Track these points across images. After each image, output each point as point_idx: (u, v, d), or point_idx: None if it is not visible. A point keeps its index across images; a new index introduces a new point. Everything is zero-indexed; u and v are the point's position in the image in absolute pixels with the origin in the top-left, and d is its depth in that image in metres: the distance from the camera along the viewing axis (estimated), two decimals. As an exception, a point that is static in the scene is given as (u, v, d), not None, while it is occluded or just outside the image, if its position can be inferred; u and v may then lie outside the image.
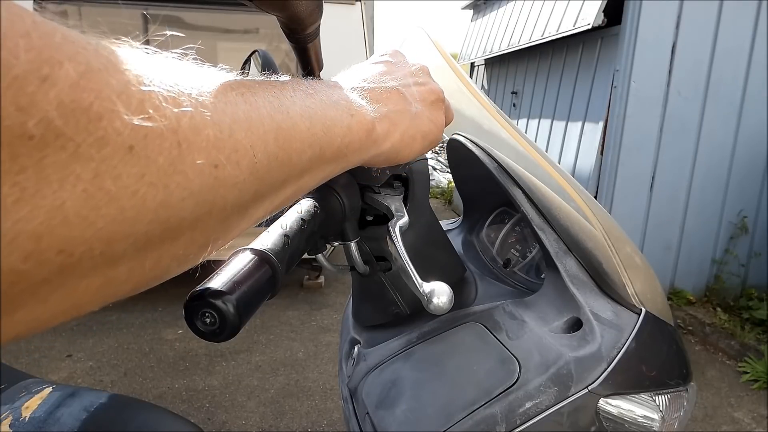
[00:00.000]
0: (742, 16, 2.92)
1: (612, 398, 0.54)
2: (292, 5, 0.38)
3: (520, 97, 4.44)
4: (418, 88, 0.43)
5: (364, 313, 0.71)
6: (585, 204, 0.65)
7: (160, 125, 0.18)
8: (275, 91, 0.28)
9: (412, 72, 0.44)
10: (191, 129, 0.20)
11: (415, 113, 0.41)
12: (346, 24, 2.75)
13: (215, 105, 0.22)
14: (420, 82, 0.43)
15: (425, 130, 0.42)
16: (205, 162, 0.21)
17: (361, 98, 0.36)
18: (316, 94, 0.32)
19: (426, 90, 0.43)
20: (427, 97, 0.43)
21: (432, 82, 0.45)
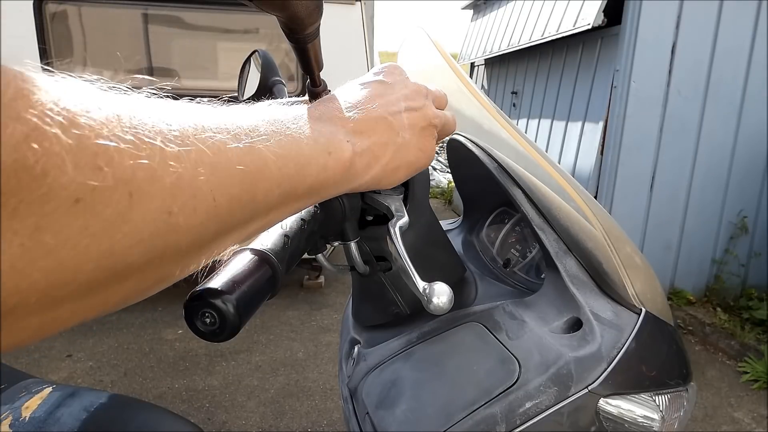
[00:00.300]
0: (742, 16, 2.92)
1: (612, 398, 0.54)
2: (292, 5, 0.38)
3: (520, 97, 4.44)
4: (409, 114, 0.41)
5: (364, 313, 0.71)
6: (585, 204, 0.65)
7: (112, 178, 0.18)
8: (250, 128, 0.28)
9: (407, 95, 0.42)
10: (146, 179, 0.20)
11: (401, 143, 0.39)
12: (346, 24, 2.75)
13: (179, 152, 0.22)
14: (413, 106, 0.42)
15: (410, 159, 0.41)
16: (158, 210, 0.20)
17: (343, 131, 0.36)
18: (295, 131, 0.31)
19: (418, 116, 0.42)
20: (417, 124, 0.41)
21: (427, 106, 0.43)
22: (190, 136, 0.23)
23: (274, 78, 0.80)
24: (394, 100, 0.40)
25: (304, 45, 0.43)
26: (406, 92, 0.42)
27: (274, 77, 0.80)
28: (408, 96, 0.42)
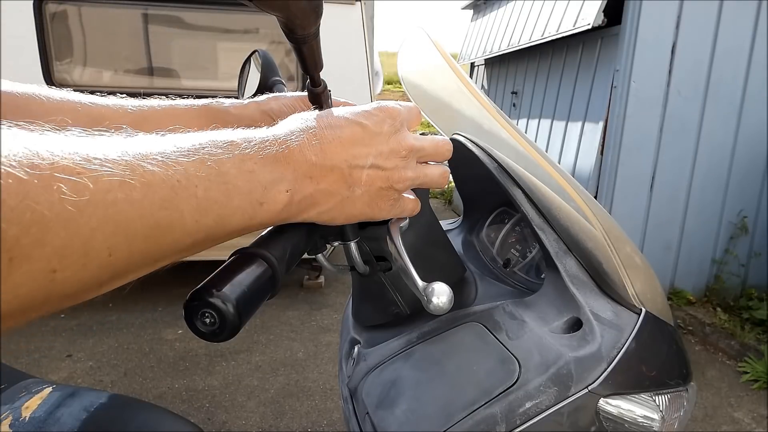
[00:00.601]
0: (742, 16, 2.92)
1: (612, 398, 0.54)
2: (292, 5, 0.38)
3: (520, 97, 4.44)
4: (372, 172, 0.38)
5: (364, 313, 0.71)
6: (585, 204, 0.65)
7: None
8: (177, 181, 0.26)
9: (381, 152, 0.38)
10: (33, 243, 0.20)
11: (347, 197, 0.37)
12: (346, 24, 2.75)
13: (77, 213, 0.21)
14: (381, 165, 0.38)
15: (354, 214, 0.39)
16: (42, 270, 0.20)
17: (292, 176, 0.34)
18: (233, 177, 0.30)
19: (381, 176, 0.39)
20: (375, 183, 0.38)
21: (398, 169, 0.39)
22: (102, 190, 0.22)
23: (274, 78, 0.80)
24: (364, 154, 0.38)
25: (304, 45, 0.43)
26: (382, 149, 0.39)
27: (274, 77, 0.80)
28: (382, 154, 0.38)
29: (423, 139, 0.42)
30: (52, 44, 2.62)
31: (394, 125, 0.40)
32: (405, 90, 0.79)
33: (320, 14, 0.40)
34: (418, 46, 0.82)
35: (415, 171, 0.41)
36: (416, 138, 0.41)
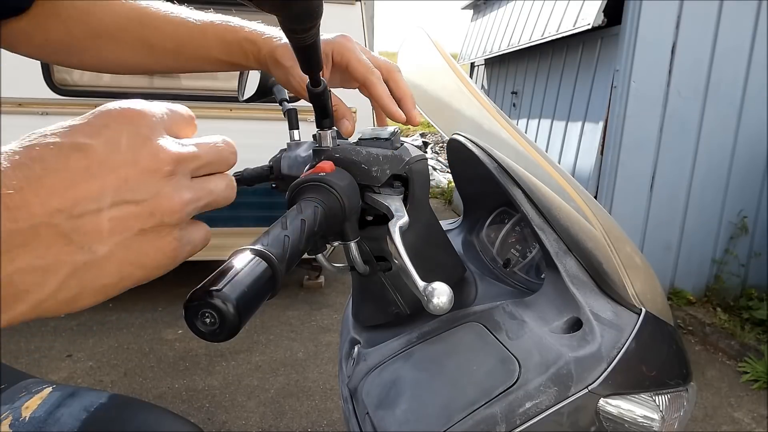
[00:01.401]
0: (742, 16, 2.92)
1: (612, 398, 0.54)
2: (292, 5, 0.38)
3: (520, 97, 4.44)
4: (121, 212, 0.26)
5: (364, 313, 0.71)
6: (585, 204, 0.65)
7: None
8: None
9: (125, 179, 0.26)
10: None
11: (84, 264, 0.25)
12: (346, 24, 2.75)
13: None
14: (131, 199, 0.26)
15: (108, 283, 0.26)
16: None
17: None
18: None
19: (138, 213, 0.26)
20: (132, 227, 0.26)
21: (162, 196, 0.27)
22: None
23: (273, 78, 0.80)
24: (94, 192, 0.25)
25: (304, 45, 0.43)
26: (127, 174, 0.26)
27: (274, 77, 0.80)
28: (128, 181, 0.26)
29: (195, 145, 0.30)
30: (52, 44, 2.61)
31: (139, 134, 0.27)
32: (405, 90, 0.79)
33: (320, 14, 0.40)
34: (418, 46, 0.82)
35: (193, 190, 0.29)
36: (183, 144, 0.29)
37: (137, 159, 0.26)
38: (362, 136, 0.58)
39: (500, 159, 0.63)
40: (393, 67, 0.61)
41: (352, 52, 0.59)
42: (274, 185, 0.83)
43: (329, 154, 0.54)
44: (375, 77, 0.59)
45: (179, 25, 0.59)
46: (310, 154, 0.61)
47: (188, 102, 2.78)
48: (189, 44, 0.60)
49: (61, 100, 2.65)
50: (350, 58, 0.58)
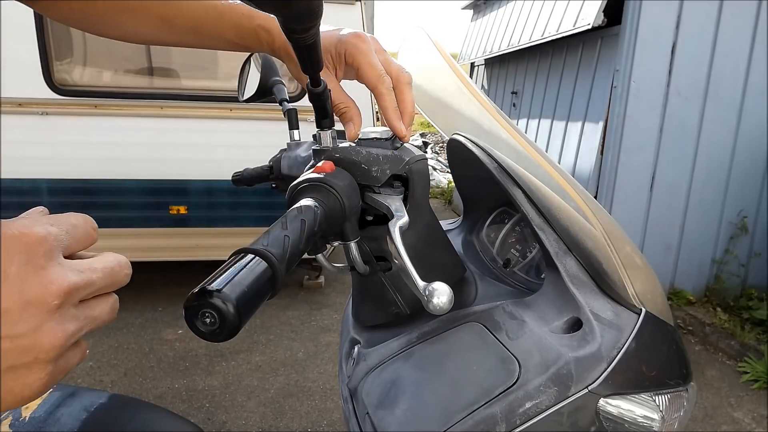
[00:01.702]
0: (742, 16, 2.92)
1: (612, 398, 0.54)
2: (292, 5, 0.38)
3: (520, 97, 4.44)
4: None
5: (364, 313, 0.71)
6: (585, 204, 0.65)
7: None
8: None
9: (14, 310, 0.24)
10: None
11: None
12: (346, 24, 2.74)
13: None
14: (14, 332, 0.24)
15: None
16: None
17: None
18: None
19: (12, 351, 0.24)
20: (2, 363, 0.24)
21: (51, 330, 0.25)
22: None
23: (274, 78, 0.80)
24: (5, 295, 0.23)
25: (304, 45, 0.43)
26: (5, 305, 0.24)
27: (274, 77, 0.80)
28: (7, 314, 0.24)
29: (90, 269, 0.28)
30: (52, 44, 2.62)
31: (32, 262, 0.25)
32: (405, 90, 0.79)
33: (320, 14, 0.40)
34: (418, 46, 0.82)
35: (77, 320, 0.27)
36: (79, 270, 0.27)
37: (24, 290, 0.24)
38: (362, 136, 0.58)
39: (500, 159, 0.63)
40: (404, 77, 0.58)
41: (364, 55, 0.57)
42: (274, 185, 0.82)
43: (329, 154, 0.54)
44: (384, 87, 0.56)
45: (198, 6, 0.59)
46: (310, 154, 0.61)
47: (188, 102, 2.78)
48: (206, 25, 0.60)
49: (61, 100, 2.65)
50: (361, 62, 0.57)
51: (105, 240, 2.86)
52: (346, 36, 0.58)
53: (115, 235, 2.86)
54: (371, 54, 0.57)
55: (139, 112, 2.73)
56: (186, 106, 2.78)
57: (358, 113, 0.60)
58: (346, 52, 0.58)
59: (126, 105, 2.71)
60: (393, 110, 0.57)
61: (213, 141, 2.82)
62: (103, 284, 0.28)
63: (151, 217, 2.87)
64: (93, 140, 2.71)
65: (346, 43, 0.58)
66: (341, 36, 0.58)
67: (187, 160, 2.80)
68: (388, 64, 0.58)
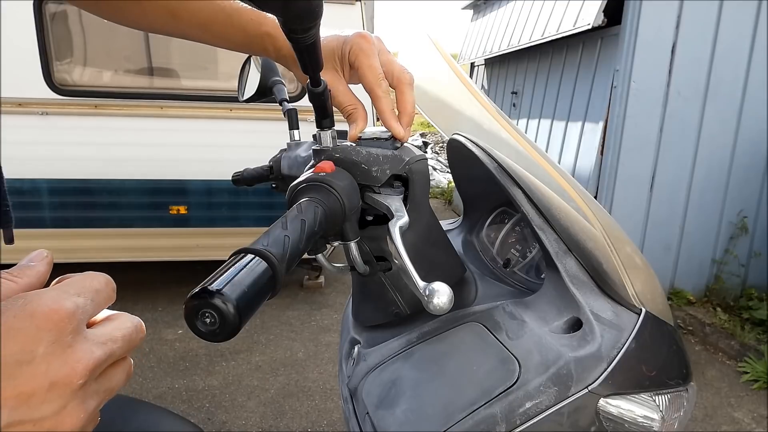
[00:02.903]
0: (742, 16, 2.92)
1: (612, 398, 0.54)
2: (292, 5, 0.38)
3: (520, 97, 4.44)
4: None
5: (364, 313, 0.71)
6: (585, 204, 0.65)
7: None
8: None
9: (39, 392, 0.23)
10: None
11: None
12: (346, 24, 2.74)
13: None
14: (34, 416, 0.23)
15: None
16: None
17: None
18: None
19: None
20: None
21: (72, 410, 0.24)
22: None
23: (274, 78, 0.80)
24: (29, 377, 0.23)
25: (304, 45, 0.43)
26: (30, 389, 0.23)
27: (274, 77, 0.80)
28: (32, 398, 0.23)
29: (111, 340, 0.28)
30: (52, 44, 2.62)
31: (60, 341, 0.24)
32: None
33: (320, 14, 0.40)
34: (419, 46, 0.82)
35: (98, 394, 0.27)
36: (102, 341, 0.27)
37: (49, 371, 0.24)
38: (362, 136, 0.58)
39: (500, 159, 0.63)
40: (405, 78, 0.57)
41: (366, 56, 0.56)
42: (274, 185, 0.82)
43: (329, 154, 0.54)
44: (381, 91, 0.55)
45: (206, 5, 0.59)
46: (310, 154, 0.61)
47: (188, 102, 2.78)
48: (213, 25, 0.60)
49: (61, 100, 2.65)
50: (362, 63, 0.56)
51: (105, 240, 2.86)
52: (351, 36, 0.58)
53: (115, 235, 2.86)
54: (373, 55, 0.56)
55: (139, 112, 2.73)
56: (186, 107, 2.78)
57: (365, 115, 0.59)
58: (350, 52, 0.57)
59: (126, 105, 2.71)
60: (390, 112, 0.56)
61: (213, 141, 2.82)
62: (121, 352, 0.28)
63: (151, 217, 2.87)
64: (93, 140, 2.71)
65: (350, 43, 0.57)
66: (346, 37, 0.58)
67: (187, 160, 2.80)
68: (390, 65, 0.57)
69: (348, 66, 0.59)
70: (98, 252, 2.89)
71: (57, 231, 2.79)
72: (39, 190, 2.70)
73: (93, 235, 2.84)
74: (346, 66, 0.59)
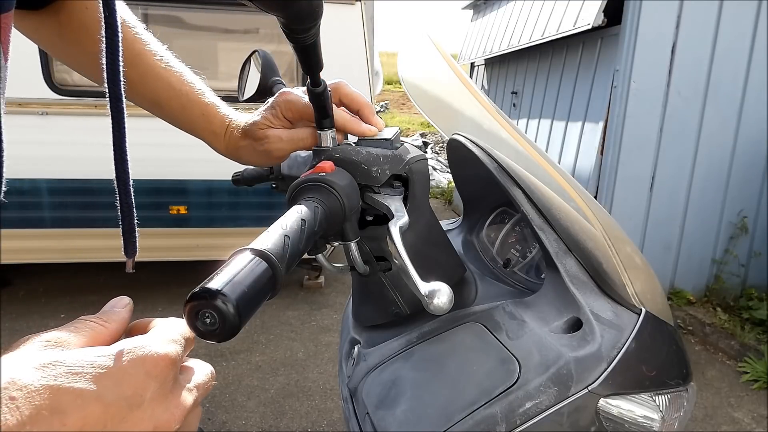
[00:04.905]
0: (742, 16, 2.92)
1: (612, 398, 0.54)
2: (292, 5, 0.38)
3: (520, 97, 4.44)
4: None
5: (364, 313, 0.71)
6: (585, 204, 0.65)
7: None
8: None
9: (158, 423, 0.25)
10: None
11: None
12: (346, 24, 2.75)
13: None
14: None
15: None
16: None
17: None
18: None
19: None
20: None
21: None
22: None
23: (274, 78, 0.80)
24: (138, 421, 0.25)
25: (304, 45, 0.44)
26: (158, 419, 0.26)
27: (274, 77, 0.80)
28: (157, 420, 0.26)
29: (196, 385, 0.30)
30: (52, 44, 2.62)
31: (164, 388, 0.26)
32: (405, 90, 0.79)
33: (320, 14, 0.40)
34: (419, 46, 0.82)
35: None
36: (189, 387, 0.29)
37: (154, 416, 0.25)
38: (362, 137, 0.58)
39: (500, 159, 0.63)
40: (338, 83, 0.59)
41: (290, 92, 0.58)
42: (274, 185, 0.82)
43: (329, 154, 0.54)
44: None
45: (165, 85, 0.59)
46: (310, 154, 0.61)
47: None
48: (165, 107, 0.61)
49: (61, 100, 2.65)
50: (289, 98, 0.57)
51: (105, 240, 2.86)
52: (276, 99, 0.59)
53: (115, 235, 2.85)
54: (296, 90, 0.58)
55: (139, 112, 2.68)
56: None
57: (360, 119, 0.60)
58: (278, 102, 0.58)
59: (126, 105, 2.71)
60: (350, 121, 0.57)
61: (213, 141, 2.81)
62: (200, 400, 0.31)
63: (151, 217, 2.87)
64: (93, 140, 2.71)
65: (277, 99, 0.58)
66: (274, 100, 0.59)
67: (187, 160, 2.80)
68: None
69: (281, 116, 0.59)
70: (98, 252, 2.89)
71: (57, 231, 2.79)
72: (39, 190, 2.70)
73: (93, 235, 2.84)
74: (279, 118, 0.59)
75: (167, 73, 0.59)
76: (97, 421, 0.23)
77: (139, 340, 0.27)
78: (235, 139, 0.60)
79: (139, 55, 0.58)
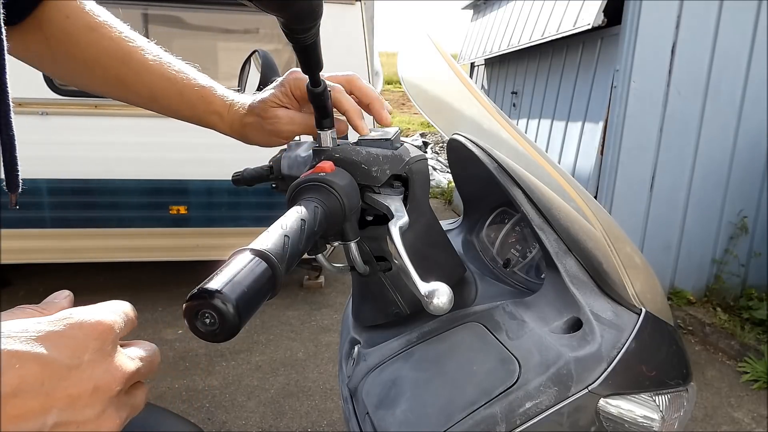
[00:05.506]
0: (742, 16, 2.92)
1: (612, 398, 0.54)
2: (292, 5, 0.38)
3: (520, 97, 4.44)
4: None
5: (364, 313, 0.71)
6: (585, 204, 0.65)
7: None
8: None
9: (83, 395, 0.26)
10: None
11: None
12: (346, 24, 2.75)
13: None
14: (77, 418, 0.26)
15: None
16: None
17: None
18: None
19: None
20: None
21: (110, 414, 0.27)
22: None
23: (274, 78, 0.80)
24: (35, 412, 0.24)
25: (304, 45, 0.44)
26: (77, 391, 0.25)
27: (274, 77, 0.80)
28: (79, 399, 0.25)
29: (138, 356, 0.31)
30: (52, 44, 2.62)
31: (103, 350, 0.27)
32: (405, 90, 0.79)
33: (320, 14, 0.40)
34: (419, 46, 0.82)
35: (126, 407, 0.29)
36: (131, 357, 0.30)
37: (93, 376, 0.26)
38: (362, 136, 0.58)
39: (500, 159, 0.63)
40: (352, 76, 0.59)
41: (299, 71, 0.57)
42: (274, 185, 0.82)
43: (329, 154, 0.54)
44: (337, 92, 0.56)
45: (159, 76, 0.59)
46: (310, 154, 0.61)
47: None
48: (162, 98, 0.61)
49: (61, 100, 2.65)
50: (299, 76, 0.57)
51: (105, 240, 2.86)
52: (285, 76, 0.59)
53: (115, 235, 2.86)
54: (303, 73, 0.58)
55: (139, 112, 2.72)
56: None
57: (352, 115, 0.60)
58: (290, 86, 0.58)
59: (126, 105, 2.71)
60: (354, 110, 0.57)
61: (213, 141, 2.81)
62: (145, 372, 0.31)
63: (151, 217, 2.87)
64: (93, 140, 2.71)
65: (287, 79, 0.58)
66: (283, 79, 0.59)
67: (187, 160, 2.80)
68: (332, 78, 0.59)
69: (295, 102, 0.59)
70: (98, 252, 2.89)
71: (57, 231, 2.79)
72: (39, 190, 2.70)
73: (93, 235, 2.84)
74: (293, 102, 0.59)
75: (158, 65, 0.59)
76: (36, 379, 0.24)
77: (78, 309, 0.28)
78: (240, 116, 0.60)
79: (128, 53, 0.58)
